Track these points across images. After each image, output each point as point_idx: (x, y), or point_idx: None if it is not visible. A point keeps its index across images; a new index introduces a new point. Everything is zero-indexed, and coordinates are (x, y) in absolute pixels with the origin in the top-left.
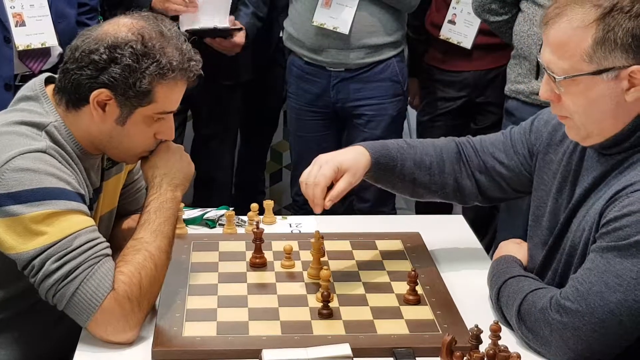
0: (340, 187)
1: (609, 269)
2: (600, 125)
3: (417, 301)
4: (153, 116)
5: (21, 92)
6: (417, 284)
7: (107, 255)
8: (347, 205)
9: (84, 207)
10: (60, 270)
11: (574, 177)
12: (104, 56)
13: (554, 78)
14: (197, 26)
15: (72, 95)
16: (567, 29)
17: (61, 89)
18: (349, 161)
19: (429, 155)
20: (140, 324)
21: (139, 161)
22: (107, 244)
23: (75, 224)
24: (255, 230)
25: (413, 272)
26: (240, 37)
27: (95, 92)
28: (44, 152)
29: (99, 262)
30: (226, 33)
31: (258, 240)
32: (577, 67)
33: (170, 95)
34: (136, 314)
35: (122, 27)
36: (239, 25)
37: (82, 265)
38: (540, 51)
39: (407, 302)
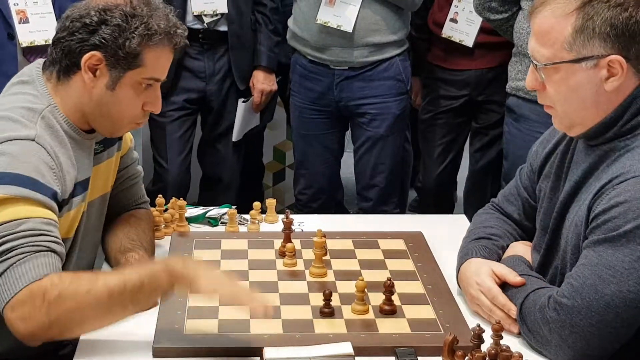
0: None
1: (601, 261)
2: (581, 114)
3: (393, 311)
4: (141, 82)
5: (17, 77)
6: (392, 294)
7: (53, 250)
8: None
9: (50, 202)
10: None
11: (565, 174)
12: (95, 18)
13: (536, 65)
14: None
15: (63, 63)
16: (550, 17)
17: (52, 61)
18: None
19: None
20: (41, 329)
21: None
22: (59, 241)
23: (29, 211)
24: (284, 220)
25: (388, 282)
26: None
27: (86, 56)
28: (33, 140)
29: (38, 251)
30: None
31: (287, 230)
32: (558, 55)
33: (157, 61)
34: (40, 316)
35: None
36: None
37: (18, 248)
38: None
39: (382, 312)
